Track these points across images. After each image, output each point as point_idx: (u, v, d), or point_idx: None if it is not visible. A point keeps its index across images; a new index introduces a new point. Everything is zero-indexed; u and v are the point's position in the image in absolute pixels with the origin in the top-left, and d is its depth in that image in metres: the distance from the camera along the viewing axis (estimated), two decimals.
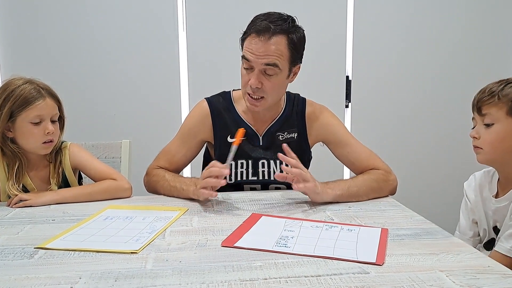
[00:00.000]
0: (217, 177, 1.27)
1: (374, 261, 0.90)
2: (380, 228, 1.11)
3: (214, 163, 1.30)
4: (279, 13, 1.43)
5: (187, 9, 2.55)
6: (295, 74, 1.51)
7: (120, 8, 2.50)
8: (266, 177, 1.56)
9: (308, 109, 1.60)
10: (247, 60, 1.40)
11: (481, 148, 1.26)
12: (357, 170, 1.54)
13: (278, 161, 1.55)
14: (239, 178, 1.55)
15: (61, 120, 1.46)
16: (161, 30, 2.54)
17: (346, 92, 2.73)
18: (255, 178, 1.56)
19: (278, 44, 1.38)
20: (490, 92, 1.23)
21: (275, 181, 1.55)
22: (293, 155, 1.32)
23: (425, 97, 2.79)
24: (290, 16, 1.43)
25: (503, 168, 1.28)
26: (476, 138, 1.27)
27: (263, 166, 1.56)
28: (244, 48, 1.43)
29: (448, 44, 2.76)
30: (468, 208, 1.39)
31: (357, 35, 2.69)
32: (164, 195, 1.47)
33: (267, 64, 1.38)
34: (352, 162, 1.55)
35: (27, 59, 2.47)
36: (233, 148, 1.32)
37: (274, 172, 1.55)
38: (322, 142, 1.63)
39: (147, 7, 2.51)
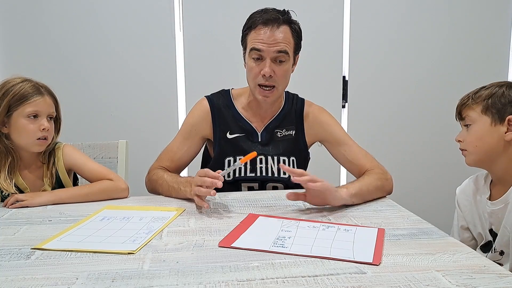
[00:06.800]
0: (208, 186, 1.24)
1: (370, 261, 0.90)
2: (377, 228, 1.11)
3: (207, 172, 1.25)
4: (274, 8, 1.49)
5: (184, 9, 2.55)
6: (296, 63, 1.57)
7: (116, 9, 2.50)
8: (264, 173, 1.57)
9: (306, 109, 1.64)
10: (258, 50, 1.45)
11: (466, 150, 1.31)
12: (354, 169, 1.56)
13: (275, 157, 1.58)
14: (237, 175, 1.57)
15: (57, 121, 1.46)
16: (158, 30, 2.54)
17: (343, 92, 2.73)
18: (253, 174, 1.57)
19: (286, 32, 1.46)
20: (467, 97, 1.31)
21: (272, 178, 1.58)
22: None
23: (422, 97, 2.80)
24: (285, 9, 1.50)
25: (492, 168, 1.31)
26: (461, 141, 1.32)
27: (260, 162, 1.57)
28: (250, 42, 1.47)
29: (445, 45, 2.77)
30: (458, 214, 1.41)
31: (354, 35, 2.70)
32: (163, 195, 1.47)
33: (279, 52, 1.45)
34: (349, 160, 1.57)
35: (24, 60, 2.46)
36: (237, 164, 1.28)
37: (271, 168, 1.57)
38: (320, 141, 1.65)
39: (143, 7, 2.51)
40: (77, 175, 1.57)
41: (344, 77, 2.73)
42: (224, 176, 1.27)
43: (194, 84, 2.58)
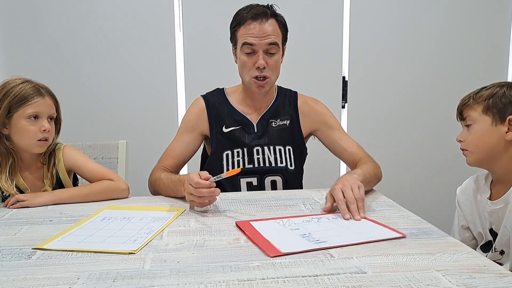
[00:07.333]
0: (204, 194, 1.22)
1: (398, 235, 1.04)
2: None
3: (198, 182, 1.20)
4: (258, 4, 1.56)
5: (184, 9, 2.55)
6: (284, 54, 1.63)
7: (116, 9, 2.50)
8: (262, 164, 1.62)
9: (300, 99, 1.70)
10: (250, 44, 1.51)
11: (467, 150, 1.32)
12: (349, 157, 1.63)
13: (271, 147, 1.62)
14: (235, 167, 1.60)
15: (57, 122, 1.46)
16: (158, 30, 2.55)
17: (343, 92, 2.74)
18: (251, 165, 1.61)
19: (274, 25, 1.53)
20: (468, 97, 1.32)
21: (270, 169, 1.62)
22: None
23: (422, 97, 2.80)
24: (269, 4, 1.57)
25: (492, 168, 1.31)
26: (462, 141, 1.33)
27: (257, 153, 1.62)
28: (241, 37, 1.53)
29: (445, 45, 2.78)
30: (458, 214, 1.42)
31: (354, 36, 2.70)
32: (163, 195, 1.48)
33: (270, 44, 1.51)
34: (344, 148, 1.63)
35: (24, 60, 2.47)
36: (222, 175, 1.24)
37: (268, 159, 1.61)
38: (315, 131, 1.69)
39: (143, 7, 2.51)
40: (77, 175, 1.57)
41: (344, 77, 2.73)
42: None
43: (194, 84, 2.58)
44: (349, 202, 1.19)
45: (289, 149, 1.64)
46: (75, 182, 1.58)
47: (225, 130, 1.63)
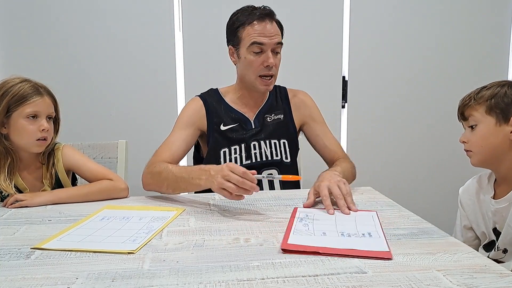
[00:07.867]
0: (242, 188, 1.18)
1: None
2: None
3: (245, 173, 1.17)
4: (254, 6, 1.59)
5: (183, 9, 2.54)
6: None
7: (116, 9, 2.49)
8: (259, 159, 1.64)
9: (290, 94, 1.76)
10: (260, 44, 1.53)
11: (471, 151, 1.31)
12: (328, 154, 1.68)
13: (267, 141, 1.65)
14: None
15: (56, 121, 1.46)
16: (158, 30, 2.54)
17: (343, 92, 2.73)
18: (249, 161, 1.63)
19: (276, 26, 1.57)
20: (469, 97, 1.31)
21: (267, 162, 1.64)
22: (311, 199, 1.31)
23: (422, 97, 2.80)
24: (266, 6, 1.60)
25: (497, 168, 1.31)
26: (466, 142, 1.32)
27: (254, 148, 1.64)
28: (248, 37, 1.54)
29: (445, 45, 2.77)
30: (461, 214, 1.42)
31: (354, 36, 2.70)
32: (164, 189, 1.43)
33: (277, 43, 1.56)
34: (325, 145, 1.69)
35: (23, 60, 2.46)
36: (277, 177, 1.30)
37: (265, 152, 1.64)
38: (303, 124, 1.73)
39: (143, 7, 2.51)
40: (76, 175, 1.57)
41: (344, 77, 2.73)
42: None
43: (193, 84, 2.58)
44: (337, 198, 1.25)
45: (283, 142, 1.68)
46: (74, 182, 1.57)
47: (223, 128, 1.64)
